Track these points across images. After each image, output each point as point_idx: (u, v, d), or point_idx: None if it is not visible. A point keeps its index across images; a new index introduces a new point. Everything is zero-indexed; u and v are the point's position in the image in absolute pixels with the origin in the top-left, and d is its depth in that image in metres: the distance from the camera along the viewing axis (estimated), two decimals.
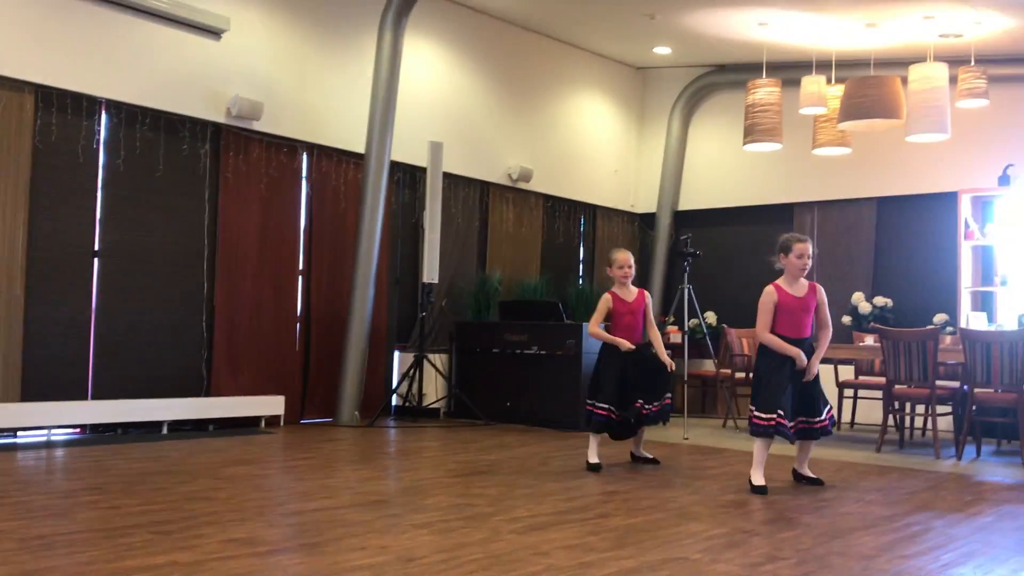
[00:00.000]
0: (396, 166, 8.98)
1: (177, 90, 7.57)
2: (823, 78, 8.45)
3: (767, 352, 5.46)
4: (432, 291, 8.83)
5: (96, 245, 7.16)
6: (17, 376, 6.66)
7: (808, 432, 5.52)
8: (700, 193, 11.37)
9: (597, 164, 11.34)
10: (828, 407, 5.58)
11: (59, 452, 6.26)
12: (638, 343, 6.14)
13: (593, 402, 6.07)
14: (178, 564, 3.42)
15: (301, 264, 8.45)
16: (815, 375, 5.49)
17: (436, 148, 8.80)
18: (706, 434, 8.27)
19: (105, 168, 7.21)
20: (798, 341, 5.41)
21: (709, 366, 10.06)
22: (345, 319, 8.37)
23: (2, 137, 6.63)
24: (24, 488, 4.88)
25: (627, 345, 6.02)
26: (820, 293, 5.54)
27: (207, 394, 7.69)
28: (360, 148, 8.59)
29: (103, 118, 7.21)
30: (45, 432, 6.81)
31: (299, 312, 8.42)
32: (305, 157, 8.49)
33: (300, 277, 8.45)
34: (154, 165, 7.48)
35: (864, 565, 3.70)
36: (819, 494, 5.32)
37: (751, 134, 8.73)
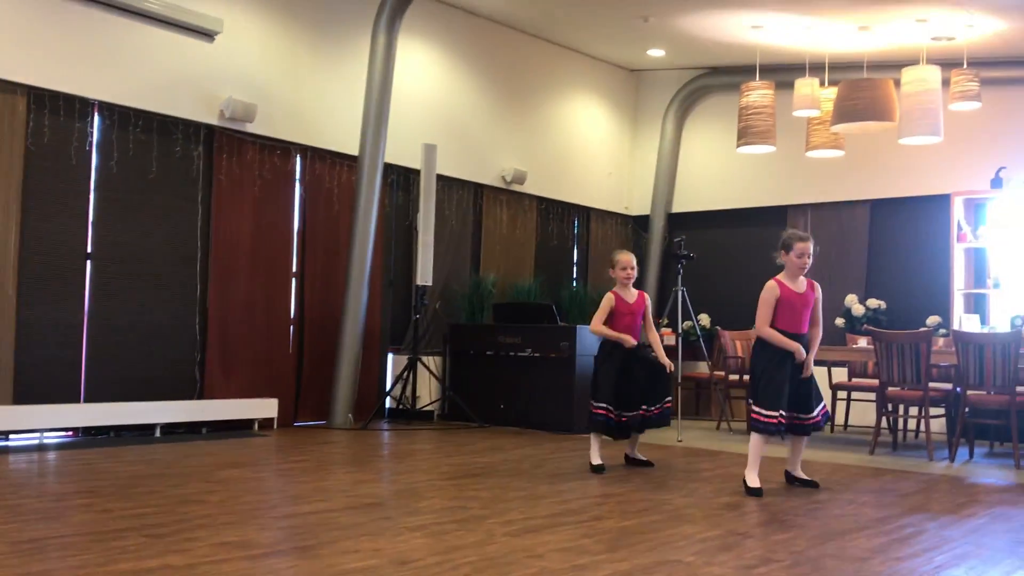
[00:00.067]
0: (390, 168, 8.97)
1: (170, 92, 7.56)
2: (816, 81, 8.47)
3: (766, 348, 5.47)
4: (426, 293, 8.82)
5: (89, 247, 7.14)
6: (9, 379, 6.64)
7: (801, 428, 5.55)
8: (694, 195, 11.38)
9: (591, 166, 11.35)
10: (822, 404, 5.62)
11: (51, 455, 6.24)
12: (636, 344, 6.18)
13: (593, 402, 6.11)
14: (171, 567, 3.41)
15: (294, 266, 8.44)
16: (811, 371, 5.55)
17: (430, 150, 8.79)
18: (700, 436, 8.28)
19: (98, 170, 7.20)
20: (796, 337, 5.45)
21: (703, 368, 10.07)
22: (339, 321, 8.36)
23: None
24: (16, 491, 4.86)
25: (631, 341, 6.07)
26: (818, 290, 5.59)
27: (200, 397, 7.68)
28: (354, 150, 8.59)
29: (96, 120, 7.19)
30: (37, 435, 6.78)
31: (292, 314, 8.41)
32: (299, 159, 8.48)
33: (293, 279, 8.44)
34: (147, 167, 7.47)
35: (857, 567, 3.70)
36: (812, 496, 5.33)
37: (744, 136, 8.74)
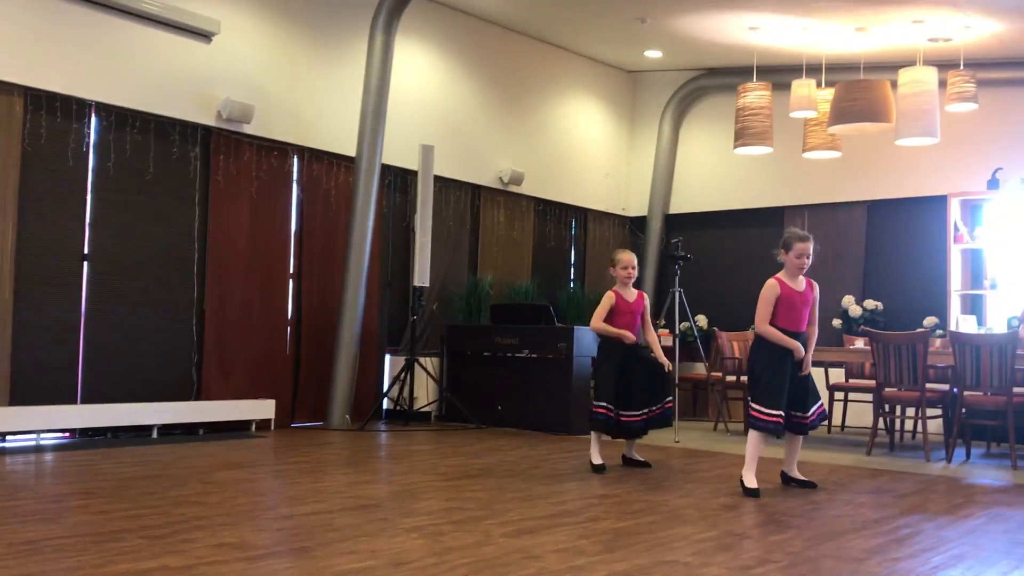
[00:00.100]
0: (387, 169, 8.97)
1: (167, 93, 7.55)
2: (813, 82, 8.48)
3: (766, 346, 5.48)
4: (423, 294, 8.82)
5: (85, 248, 7.13)
6: (6, 380, 6.63)
7: (798, 427, 5.56)
8: (691, 196, 11.39)
9: (588, 167, 11.35)
10: (819, 402, 5.64)
11: (48, 456, 6.24)
12: (634, 343, 6.21)
13: (594, 402, 6.14)
14: (168, 569, 3.41)
15: (292, 267, 8.43)
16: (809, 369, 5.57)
17: (427, 151, 8.79)
18: (697, 437, 8.28)
19: (95, 171, 7.19)
20: (795, 335, 5.47)
21: (700, 369, 10.07)
22: (336, 322, 8.36)
23: None
24: (13, 493, 4.86)
25: (630, 336, 6.11)
26: (816, 289, 5.62)
27: (197, 398, 7.67)
28: (351, 151, 8.59)
29: (93, 121, 7.18)
30: (34, 436, 6.77)
31: (290, 315, 8.40)
32: (296, 160, 8.47)
33: (291, 280, 8.43)
34: (144, 168, 7.46)
35: (854, 568, 3.71)
36: (809, 497, 5.33)
37: (741, 137, 8.75)
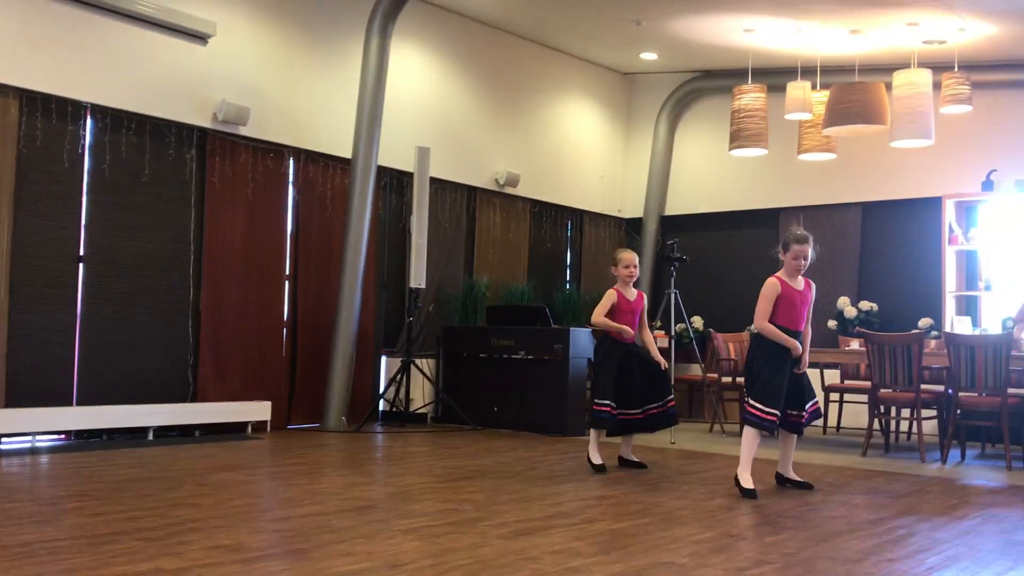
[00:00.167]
0: (383, 171, 8.98)
1: (163, 95, 7.55)
2: (808, 84, 8.50)
3: (765, 344, 5.49)
4: (419, 296, 8.82)
5: (81, 250, 7.13)
6: (1, 382, 6.62)
7: (794, 426, 5.58)
8: (686, 198, 11.40)
9: (584, 169, 11.36)
10: (814, 400, 5.67)
11: (43, 458, 6.23)
12: (633, 342, 6.24)
13: (595, 400, 6.16)
14: (163, 571, 3.41)
15: (288, 269, 8.43)
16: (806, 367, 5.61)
17: (423, 153, 8.80)
18: (693, 438, 8.29)
19: (90, 173, 7.19)
20: (794, 333, 5.49)
21: (696, 370, 10.09)
22: (332, 324, 8.35)
23: None
24: (8, 495, 4.85)
25: (630, 332, 6.15)
26: (813, 289, 5.65)
27: (193, 400, 7.66)
28: (347, 153, 8.59)
29: (88, 123, 7.18)
30: (29, 438, 6.76)
31: (286, 317, 8.40)
32: (292, 162, 8.47)
33: (287, 282, 8.43)
34: (140, 170, 7.46)
35: (849, 569, 3.72)
36: (805, 498, 5.34)
37: (737, 139, 8.77)
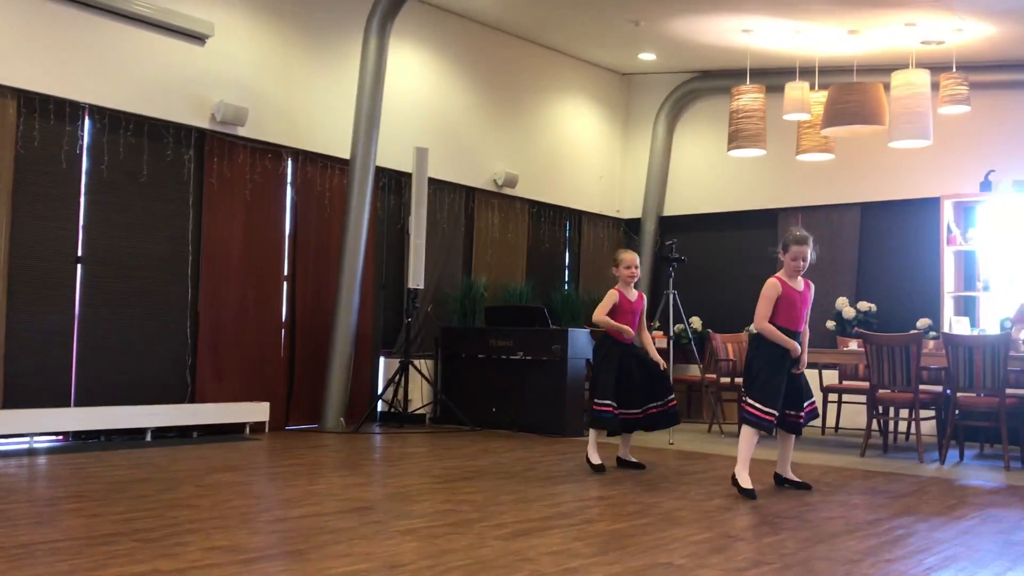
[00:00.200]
0: (381, 171, 8.97)
1: (161, 96, 7.54)
2: (806, 84, 8.50)
3: (765, 344, 5.49)
4: (417, 296, 8.82)
5: (79, 251, 7.12)
6: None
7: (793, 426, 5.58)
8: (685, 198, 11.40)
9: (582, 170, 11.36)
10: (811, 399, 5.68)
11: (41, 460, 6.22)
12: (632, 343, 6.25)
13: (596, 400, 6.16)
14: (161, 572, 3.40)
15: (286, 270, 8.43)
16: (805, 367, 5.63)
17: (421, 154, 8.79)
18: (691, 439, 8.29)
19: (88, 174, 7.18)
20: (793, 334, 5.49)
21: (694, 371, 10.09)
22: (330, 325, 8.35)
23: None
24: (5, 496, 4.84)
25: (630, 332, 6.16)
26: (812, 290, 5.66)
27: (191, 401, 7.66)
28: (345, 154, 8.58)
29: (86, 124, 7.17)
30: (27, 440, 6.75)
31: (284, 318, 8.40)
32: (290, 163, 8.47)
33: (285, 283, 8.43)
34: (138, 171, 7.45)
35: (848, 569, 3.71)
36: (803, 498, 5.34)
37: (735, 140, 8.77)
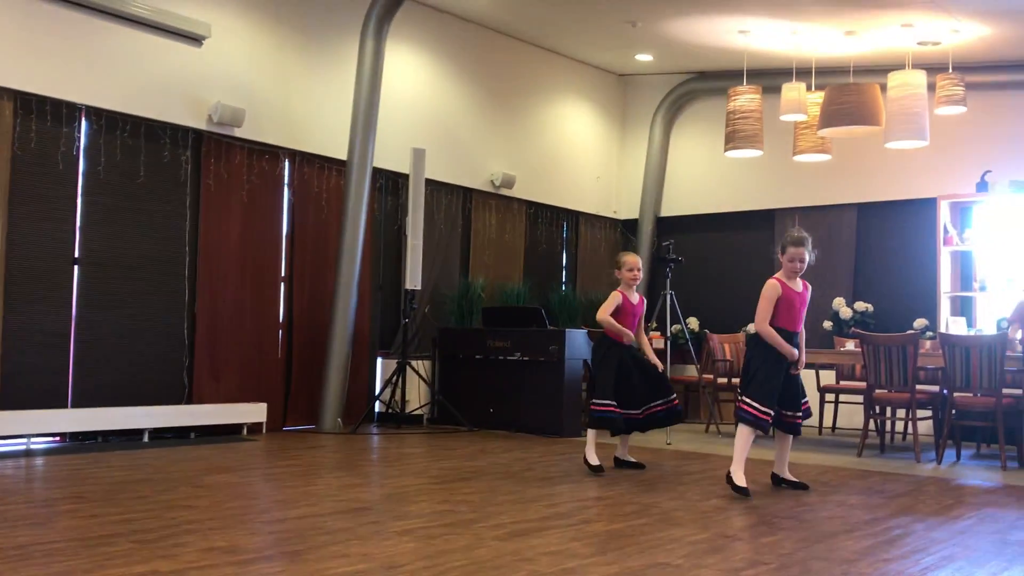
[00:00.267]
0: (378, 173, 8.97)
1: (158, 97, 7.54)
2: (803, 85, 8.51)
3: (763, 343, 5.50)
4: (415, 297, 8.82)
5: (76, 252, 7.12)
6: None
7: (791, 426, 5.59)
8: (682, 199, 11.41)
9: (579, 170, 11.37)
10: (805, 399, 5.70)
11: (38, 461, 6.21)
12: (630, 345, 6.27)
13: (595, 400, 6.16)
14: (158, 573, 3.40)
15: (283, 271, 8.43)
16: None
17: (419, 155, 8.80)
18: (688, 439, 8.29)
19: (85, 175, 7.17)
20: (793, 334, 5.50)
21: (692, 372, 10.09)
22: (327, 326, 8.34)
23: None
24: (3, 497, 4.84)
25: (630, 335, 6.19)
26: (809, 291, 5.66)
27: (188, 402, 7.65)
28: (342, 155, 8.58)
29: (83, 125, 7.17)
30: (24, 441, 6.74)
31: (281, 319, 8.39)
32: (287, 164, 8.47)
33: (282, 284, 8.43)
34: (135, 172, 7.45)
35: (845, 569, 3.72)
36: (800, 498, 5.35)
37: (732, 140, 8.78)
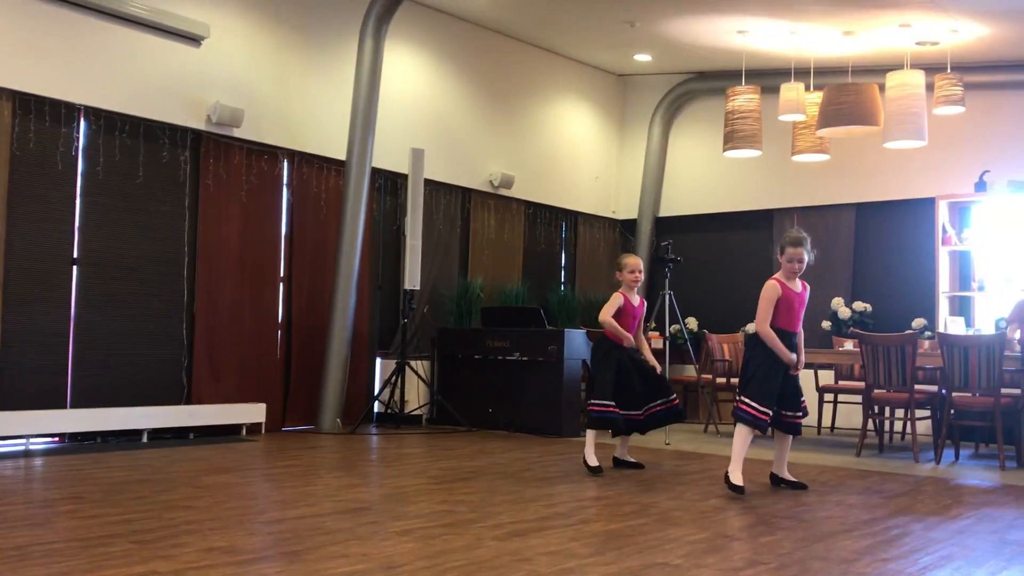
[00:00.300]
0: (377, 173, 8.97)
1: (157, 97, 7.54)
2: (802, 85, 8.52)
3: (762, 344, 5.50)
4: (414, 298, 8.82)
5: (75, 253, 7.12)
6: None
7: (791, 426, 5.60)
8: (681, 199, 11.41)
9: (578, 171, 11.37)
10: (802, 399, 5.71)
11: (37, 461, 6.21)
12: (631, 348, 6.27)
13: (592, 401, 6.16)
14: (157, 573, 3.40)
15: (282, 271, 8.43)
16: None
17: (417, 155, 8.80)
18: (687, 439, 8.30)
19: (84, 175, 7.17)
20: (791, 335, 5.51)
21: (690, 372, 10.10)
22: (326, 326, 8.34)
23: None
24: (2, 498, 4.83)
25: (631, 339, 6.19)
26: (808, 291, 5.67)
27: (187, 402, 7.65)
28: (341, 155, 8.58)
29: (82, 125, 7.17)
30: (23, 441, 6.74)
31: (280, 319, 8.39)
32: (286, 164, 8.47)
33: (281, 284, 8.42)
34: (134, 172, 7.45)
35: (844, 569, 3.72)
36: (799, 498, 5.35)
37: (731, 140, 8.79)
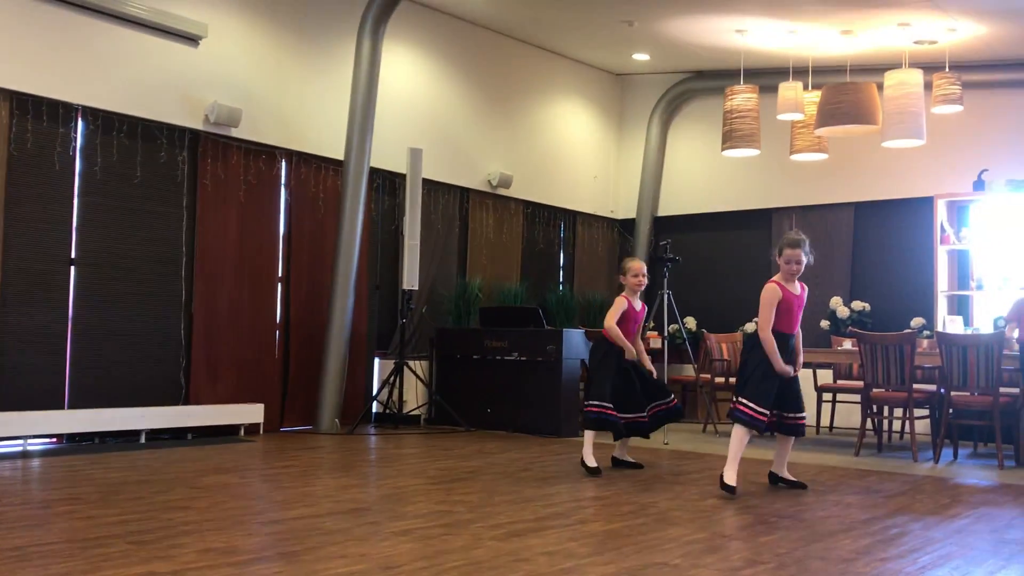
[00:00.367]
0: (375, 172, 8.97)
1: (154, 97, 7.53)
2: (800, 84, 8.52)
3: (760, 345, 5.49)
4: (412, 298, 8.82)
5: (73, 253, 7.11)
6: None
7: (793, 428, 5.59)
8: (679, 199, 11.41)
9: (577, 170, 11.36)
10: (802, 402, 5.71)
11: (35, 462, 6.20)
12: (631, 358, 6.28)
13: (589, 401, 6.15)
14: (156, 574, 3.40)
15: (280, 271, 8.42)
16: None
17: (416, 154, 8.79)
18: (686, 439, 8.30)
19: (82, 175, 7.16)
20: (789, 337, 5.52)
21: (689, 371, 10.09)
22: (325, 326, 8.34)
23: None
24: None
25: (632, 352, 6.18)
26: (806, 292, 5.66)
27: (185, 402, 7.64)
28: (339, 155, 8.58)
29: (79, 125, 7.16)
30: (21, 442, 6.73)
31: (278, 319, 8.38)
32: (284, 164, 8.46)
33: (279, 284, 8.42)
34: (131, 172, 7.44)
35: (843, 568, 3.72)
36: (798, 497, 5.35)
37: (729, 140, 8.79)
